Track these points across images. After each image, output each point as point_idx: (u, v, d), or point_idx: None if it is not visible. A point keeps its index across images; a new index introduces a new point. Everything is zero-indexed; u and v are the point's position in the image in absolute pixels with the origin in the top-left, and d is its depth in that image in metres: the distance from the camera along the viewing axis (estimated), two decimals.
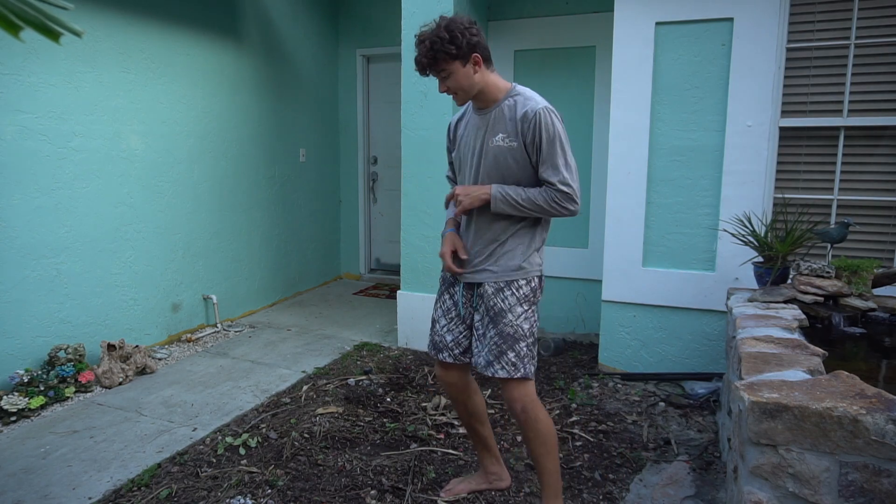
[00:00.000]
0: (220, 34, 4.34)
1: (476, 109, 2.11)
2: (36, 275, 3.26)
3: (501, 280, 2.05)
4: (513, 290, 2.04)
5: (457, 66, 1.96)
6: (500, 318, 2.03)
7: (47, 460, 2.61)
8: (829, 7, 3.07)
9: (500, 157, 2.02)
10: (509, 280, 2.04)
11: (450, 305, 2.21)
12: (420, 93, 3.85)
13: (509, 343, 2.02)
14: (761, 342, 2.09)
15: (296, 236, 5.31)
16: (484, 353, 2.06)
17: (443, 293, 2.24)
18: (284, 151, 5.08)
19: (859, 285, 2.66)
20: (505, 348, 2.02)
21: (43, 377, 3.15)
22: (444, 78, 2.00)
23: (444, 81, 2.01)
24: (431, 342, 2.27)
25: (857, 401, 1.58)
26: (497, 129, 2.02)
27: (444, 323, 2.22)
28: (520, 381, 2.04)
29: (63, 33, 0.84)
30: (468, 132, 2.13)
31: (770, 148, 3.19)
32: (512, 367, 2.02)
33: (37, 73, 3.18)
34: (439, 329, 2.23)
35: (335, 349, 4.02)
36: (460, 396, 2.28)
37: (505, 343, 2.02)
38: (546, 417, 2.09)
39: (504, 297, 2.04)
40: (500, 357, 2.02)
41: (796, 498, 1.60)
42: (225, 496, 2.36)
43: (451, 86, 2.00)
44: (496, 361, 2.02)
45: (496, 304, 2.04)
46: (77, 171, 3.42)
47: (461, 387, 2.27)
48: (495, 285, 2.05)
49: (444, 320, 2.22)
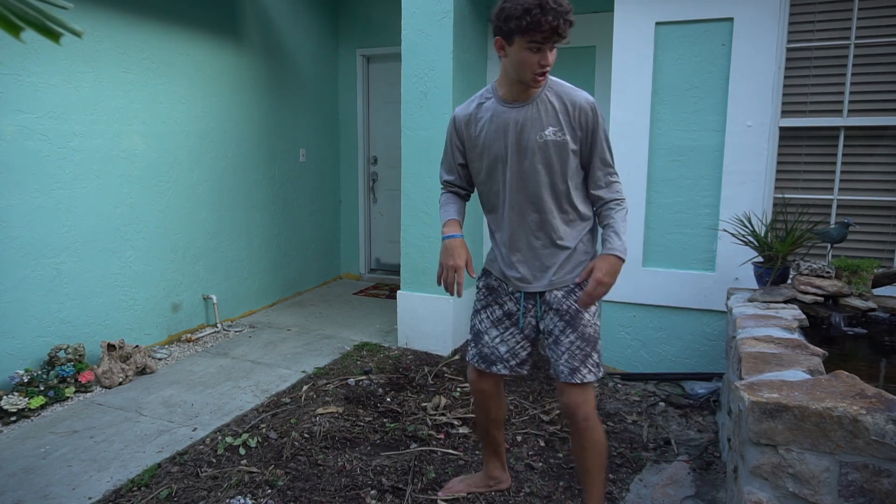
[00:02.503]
0: (220, 34, 4.34)
1: (504, 102, 1.90)
2: (36, 275, 3.26)
3: (571, 282, 1.95)
4: (583, 287, 1.92)
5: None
6: (577, 321, 1.91)
7: (47, 460, 2.61)
8: (829, 7, 3.07)
9: (550, 153, 1.86)
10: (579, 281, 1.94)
11: (500, 315, 2.05)
12: (420, 93, 3.85)
13: (592, 344, 1.92)
14: (761, 342, 2.09)
15: (296, 236, 5.31)
16: (564, 360, 1.92)
17: (490, 303, 2.07)
18: (284, 151, 5.08)
19: (859, 285, 2.66)
20: (589, 350, 1.91)
21: (43, 377, 3.15)
22: (553, 48, 1.78)
23: (551, 52, 1.78)
24: (479, 355, 2.10)
25: (857, 401, 1.58)
26: (547, 123, 1.85)
27: (495, 334, 2.06)
28: (589, 387, 1.94)
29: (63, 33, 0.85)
30: (495, 129, 1.91)
31: (770, 148, 3.19)
32: (597, 368, 1.92)
33: (37, 73, 3.18)
34: (489, 341, 2.07)
35: (335, 349, 4.02)
36: (489, 403, 2.20)
37: (588, 345, 1.91)
38: (602, 430, 1.98)
39: (577, 298, 1.92)
40: (585, 361, 1.91)
41: (796, 498, 1.60)
42: (225, 496, 2.36)
43: (552, 61, 1.78)
44: (582, 366, 1.90)
45: (570, 306, 1.92)
46: (77, 171, 3.42)
47: (492, 394, 2.18)
48: (566, 287, 1.94)
49: (496, 331, 2.06)
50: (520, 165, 1.90)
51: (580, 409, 1.92)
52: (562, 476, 2.52)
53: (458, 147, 2.03)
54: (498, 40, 1.83)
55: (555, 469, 2.58)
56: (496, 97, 1.93)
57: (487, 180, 1.99)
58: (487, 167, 1.97)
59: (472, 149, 1.99)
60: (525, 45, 1.75)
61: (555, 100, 1.87)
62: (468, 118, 1.98)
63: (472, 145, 1.99)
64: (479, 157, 1.98)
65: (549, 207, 1.92)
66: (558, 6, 1.71)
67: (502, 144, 1.91)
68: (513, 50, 1.79)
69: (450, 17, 3.72)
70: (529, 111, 1.87)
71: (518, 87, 1.86)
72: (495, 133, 1.91)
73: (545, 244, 1.94)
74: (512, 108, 1.89)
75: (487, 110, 1.94)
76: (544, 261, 1.95)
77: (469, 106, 2.00)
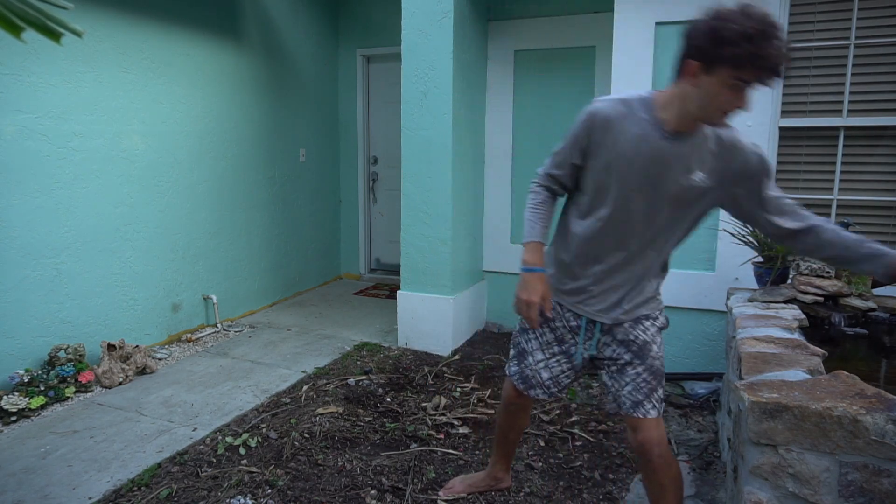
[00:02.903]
0: (220, 34, 4.34)
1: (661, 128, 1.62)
2: (36, 275, 3.26)
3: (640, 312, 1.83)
4: (651, 320, 1.83)
5: None
6: (646, 352, 1.80)
7: (47, 460, 2.61)
8: (829, 7, 3.07)
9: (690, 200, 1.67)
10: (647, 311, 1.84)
11: (550, 339, 1.94)
12: (420, 93, 3.85)
13: (658, 379, 1.81)
14: (761, 342, 2.09)
15: (296, 236, 5.31)
16: (627, 392, 1.80)
17: (541, 324, 1.93)
18: (284, 151, 5.08)
19: (859, 285, 2.66)
20: (655, 384, 1.80)
21: (43, 377, 3.15)
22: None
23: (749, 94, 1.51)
24: (521, 375, 2.01)
25: (857, 401, 1.58)
26: (702, 164, 1.63)
27: (540, 357, 1.95)
28: (660, 420, 1.82)
29: (64, 33, 0.85)
30: (636, 153, 1.63)
31: (770, 148, 3.19)
32: (661, 403, 1.82)
33: (37, 73, 3.18)
34: (533, 363, 1.97)
35: (335, 349, 4.02)
36: (519, 414, 2.16)
37: (655, 379, 1.80)
38: (677, 462, 1.86)
39: (645, 329, 1.81)
40: (650, 395, 1.79)
41: (796, 498, 1.60)
42: (225, 496, 2.36)
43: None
44: (647, 400, 1.79)
45: (638, 336, 1.81)
46: (77, 171, 3.42)
47: (523, 406, 2.13)
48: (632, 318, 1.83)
49: (542, 355, 1.95)
50: (650, 204, 1.67)
51: (657, 446, 1.79)
52: (562, 476, 2.52)
53: (582, 145, 1.71)
54: (693, 65, 1.51)
55: (555, 469, 2.58)
56: (653, 118, 1.62)
57: (598, 199, 1.73)
58: (607, 187, 1.70)
59: (595, 156, 1.69)
60: (730, 80, 1.46)
61: (714, 141, 1.63)
62: (610, 121, 1.65)
63: (598, 152, 1.68)
64: (601, 169, 1.69)
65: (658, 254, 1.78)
66: (782, 37, 1.44)
67: (639, 174, 1.64)
68: (709, 81, 1.49)
69: (450, 17, 3.72)
70: (684, 147, 1.62)
71: (688, 120, 1.59)
72: (635, 156, 1.63)
73: (634, 287, 1.80)
74: (668, 140, 1.61)
75: (636, 125, 1.63)
76: (624, 299, 1.81)
77: (616, 107, 1.66)
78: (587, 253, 1.80)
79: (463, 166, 4.05)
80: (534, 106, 4.32)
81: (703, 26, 1.49)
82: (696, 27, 1.51)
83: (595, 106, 1.68)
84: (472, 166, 4.25)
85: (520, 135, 4.39)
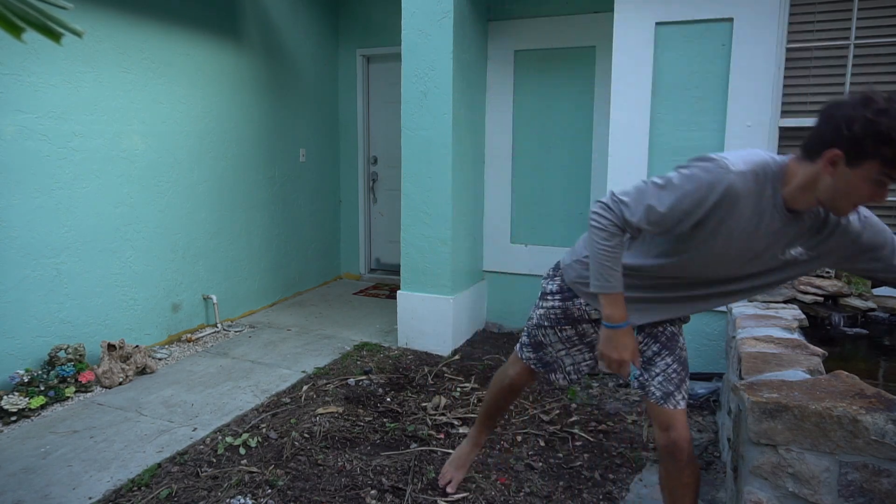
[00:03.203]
0: (220, 34, 4.34)
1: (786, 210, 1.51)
2: (36, 275, 3.26)
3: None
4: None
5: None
6: (674, 343, 1.81)
7: (47, 460, 2.61)
8: (829, 7, 3.07)
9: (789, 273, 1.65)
10: None
11: (571, 335, 1.97)
12: (420, 93, 3.85)
13: (686, 370, 1.81)
14: (761, 342, 2.09)
15: (296, 236, 5.31)
16: (658, 382, 1.79)
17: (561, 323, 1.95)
18: (284, 151, 5.08)
19: (859, 285, 2.66)
20: (684, 375, 1.80)
21: (43, 377, 3.15)
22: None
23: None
24: (540, 361, 2.05)
25: (857, 400, 1.58)
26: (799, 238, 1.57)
27: (560, 348, 2.00)
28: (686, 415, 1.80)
29: (64, 34, 0.85)
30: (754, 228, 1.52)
31: (770, 148, 3.19)
32: (688, 394, 1.84)
33: (37, 73, 3.18)
34: (553, 353, 2.02)
35: (335, 349, 4.02)
36: (517, 393, 2.24)
37: (684, 370, 1.80)
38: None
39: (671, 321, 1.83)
40: (680, 386, 1.78)
41: (796, 498, 1.60)
42: (225, 496, 2.36)
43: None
44: (677, 391, 1.78)
45: (666, 327, 1.81)
46: (77, 171, 3.42)
47: (522, 387, 2.22)
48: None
49: (562, 346, 2.00)
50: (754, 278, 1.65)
51: (686, 444, 1.75)
52: (562, 476, 2.52)
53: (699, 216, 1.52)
54: (837, 154, 1.37)
55: (555, 469, 2.58)
56: (776, 195, 1.50)
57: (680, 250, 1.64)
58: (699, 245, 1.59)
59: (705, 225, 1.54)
60: (875, 176, 1.35)
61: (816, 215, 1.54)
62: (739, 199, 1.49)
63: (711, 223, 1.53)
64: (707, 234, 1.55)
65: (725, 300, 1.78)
66: None
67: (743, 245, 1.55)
68: (850, 173, 1.37)
69: (450, 17, 3.72)
70: (796, 226, 1.54)
71: (811, 202, 1.49)
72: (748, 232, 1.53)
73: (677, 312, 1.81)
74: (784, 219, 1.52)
75: (760, 202, 1.51)
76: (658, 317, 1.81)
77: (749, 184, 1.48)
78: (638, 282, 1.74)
79: (463, 166, 4.05)
80: (534, 106, 4.32)
81: (860, 117, 1.32)
82: (850, 117, 1.34)
83: (731, 180, 1.47)
84: (472, 166, 4.25)
85: (520, 135, 4.39)
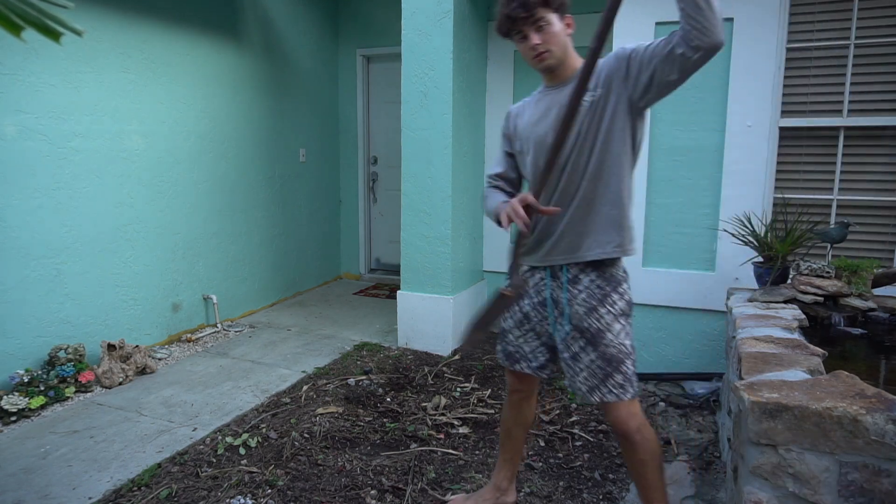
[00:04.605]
0: (220, 34, 4.34)
1: (546, 88, 1.87)
2: (36, 275, 3.26)
3: (594, 298, 1.83)
4: (608, 307, 1.82)
5: (555, 18, 1.75)
6: (598, 340, 1.82)
7: (47, 460, 2.61)
8: (829, 7, 3.07)
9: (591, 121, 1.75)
10: (602, 296, 1.83)
11: (521, 318, 2.01)
12: (420, 93, 3.85)
13: (614, 365, 1.82)
14: (761, 342, 2.09)
15: (296, 236, 5.31)
16: (581, 378, 1.85)
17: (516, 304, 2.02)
18: (284, 151, 5.08)
19: (859, 285, 2.66)
20: (610, 370, 1.81)
21: (43, 377, 3.15)
22: (539, 28, 1.73)
23: (539, 33, 1.73)
24: (504, 353, 2.09)
25: (857, 401, 1.58)
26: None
27: (518, 334, 2.04)
28: (629, 402, 1.84)
29: (64, 33, 0.85)
30: (537, 118, 1.86)
31: (770, 148, 3.19)
32: (620, 389, 1.82)
33: (37, 73, 3.18)
34: (513, 339, 2.05)
35: (335, 349, 4.02)
36: (522, 404, 2.17)
37: (609, 365, 1.81)
38: (655, 435, 1.90)
39: (599, 317, 1.82)
40: (605, 381, 1.82)
41: (796, 498, 1.60)
42: (225, 496, 2.36)
43: (547, 39, 1.74)
44: (601, 385, 1.82)
45: (591, 324, 1.82)
46: (77, 171, 3.42)
47: (527, 395, 2.16)
48: (586, 305, 1.83)
49: (518, 331, 2.03)
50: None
51: (627, 424, 1.83)
52: (562, 476, 2.52)
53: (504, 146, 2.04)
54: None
55: (555, 469, 2.58)
56: (544, 80, 1.90)
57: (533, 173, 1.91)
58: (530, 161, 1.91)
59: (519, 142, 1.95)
60: (516, 39, 1.80)
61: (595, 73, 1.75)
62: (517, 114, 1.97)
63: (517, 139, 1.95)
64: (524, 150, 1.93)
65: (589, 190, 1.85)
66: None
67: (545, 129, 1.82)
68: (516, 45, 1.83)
69: (450, 17, 3.72)
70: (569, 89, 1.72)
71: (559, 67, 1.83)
72: (538, 121, 1.86)
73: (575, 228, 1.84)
74: (551, 92, 1.87)
75: (531, 103, 1.93)
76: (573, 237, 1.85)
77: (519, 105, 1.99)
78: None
79: (463, 166, 4.05)
80: None
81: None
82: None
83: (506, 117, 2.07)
84: (472, 166, 4.25)
85: None
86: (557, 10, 1.75)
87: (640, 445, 1.84)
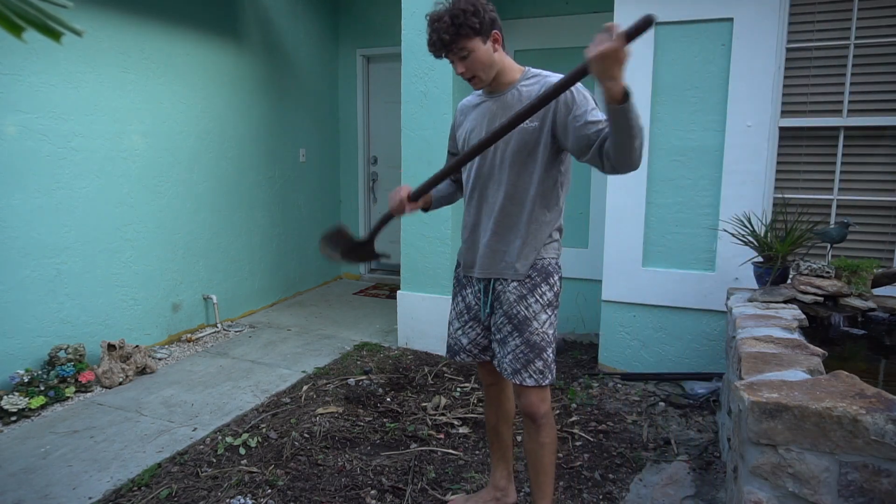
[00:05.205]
0: (220, 34, 4.34)
1: (486, 95, 1.96)
2: (36, 275, 3.26)
3: (524, 287, 1.92)
4: (536, 296, 1.92)
5: (478, 43, 1.79)
6: (525, 327, 1.92)
7: (47, 460, 2.61)
8: (829, 7, 3.07)
9: (522, 142, 1.85)
10: (532, 286, 1.92)
11: (462, 308, 2.11)
12: (420, 93, 3.85)
13: (536, 352, 1.92)
14: (761, 342, 2.09)
15: (296, 236, 5.31)
16: (508, 361, 1.95)
17: (455, 295, 2.15)
18: (284, 151, 5.08)
19: (859, 285, 2.66)
20: (532, 357, 1.92)
21: (43, 377, 3.15)
22: (463, 58, 1.81)
23: (464, 62, 1.81)
24: (447, 345, 2.20)
25: (857, 401, 1.58)
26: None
27: (457, 326, 2.13)
28: (544, 388, 1.96)
29: (64, 33, 0.85)
30: (475, 122, 1.96)
31: (770, 148, 3.19)
32: (540, 374, 1.92)
33: (37, 73, 3.18)
34: (453, 332, 2.15)
35: (335, 349, 4.02)
36: (500, 397, 2.23)
37: (532, 352, 1.92)
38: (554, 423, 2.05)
39: (528, 305, 1.92)
40: (527, 366, 1.92)
41: (796, 498, 1.60)
42: (225, 496, 2.36)
43: (471, 66, 1.82)
44: (524, 370, 1.92)
45: (519, 311, 1.92)
46: (77, 171, 3.42)
47: (502, 386, 2.22)
48: (517, 292, 1.92)
49: (458, 323, 2.13)
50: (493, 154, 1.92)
51: (538, 408, 1.96)
52: (562, 476, 2.52)
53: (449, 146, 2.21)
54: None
55: (555, 469, 2.58)
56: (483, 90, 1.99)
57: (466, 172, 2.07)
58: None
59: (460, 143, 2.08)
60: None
61: (526, 90, 1.89)
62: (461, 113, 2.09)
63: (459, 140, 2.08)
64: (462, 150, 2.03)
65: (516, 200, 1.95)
66: (436, 21, 1.80)
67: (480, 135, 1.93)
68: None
69: None
70: (505, 100, 1.90)
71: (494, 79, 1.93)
72: (476, 126, 1.96)
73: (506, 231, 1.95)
74: (489, 100, 1.96)
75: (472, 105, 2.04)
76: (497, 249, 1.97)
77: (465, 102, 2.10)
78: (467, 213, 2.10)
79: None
80: None
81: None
82: None
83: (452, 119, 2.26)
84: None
85: None
86: (478, 33, 1.80)
87: (543, 429, 1.99)
